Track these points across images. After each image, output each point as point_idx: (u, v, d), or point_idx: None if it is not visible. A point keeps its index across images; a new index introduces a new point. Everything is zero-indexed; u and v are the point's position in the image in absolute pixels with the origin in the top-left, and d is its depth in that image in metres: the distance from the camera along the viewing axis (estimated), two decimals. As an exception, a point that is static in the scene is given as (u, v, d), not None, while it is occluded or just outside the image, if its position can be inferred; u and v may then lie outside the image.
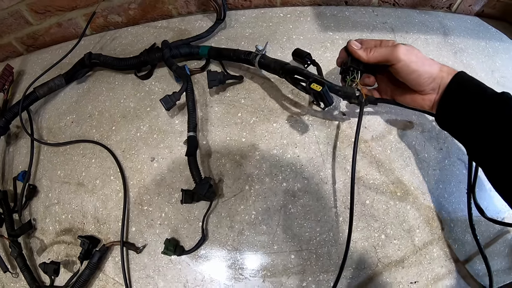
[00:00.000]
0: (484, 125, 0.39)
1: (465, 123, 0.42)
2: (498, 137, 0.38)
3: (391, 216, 0.52)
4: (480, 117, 0.40)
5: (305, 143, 0.56)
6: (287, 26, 0.68)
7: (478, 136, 0.40)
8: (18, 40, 0.76)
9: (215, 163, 0.56)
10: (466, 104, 0.41)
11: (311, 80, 0.47)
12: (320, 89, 0.45)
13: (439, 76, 0.43)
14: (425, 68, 0.43)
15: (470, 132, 0.41)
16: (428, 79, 0.43)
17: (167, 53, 0.61)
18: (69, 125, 0.65)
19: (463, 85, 0.42)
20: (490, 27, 0.74)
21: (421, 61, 0.43)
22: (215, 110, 0.60)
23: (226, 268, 0.51)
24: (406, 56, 0.43)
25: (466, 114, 0.41)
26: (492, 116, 0.38)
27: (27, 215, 0.60)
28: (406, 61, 0.43)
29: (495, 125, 0.38)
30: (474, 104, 0.40)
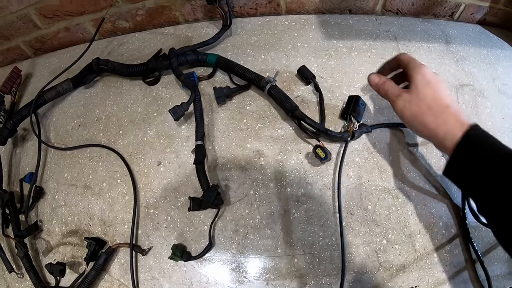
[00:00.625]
0: (498, 184, 0.37)
1: (478, 181, 0.39)
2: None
3: (393, 222, 0.53)
4: (494, 177, 0.37)
5: (309, 149, 0.57)
6: (292, 34, 0.69)
7: (490, 193, 0.38)
8: (26, 44, 0.77)
9: (220, 168, 0.57)
10: (480, 162, 0.38)
11: (317, 145, 0.54)
12: (323, 156, 0.53)
13: (441, 128, 0.41)
14: (424, 120, 0.42)
15: (482, 188, 0.39)
16: (428, 132, 0.42)
17: (175, 62, 0.61)
18: (76, 128, 0.66)
19: (477, 143, 0.39)
20: (492, 35, 0.75)
21: (422, 114, 0.43)
22: (221, 116, 0.61)
23: (230, 271, 0.52)
24: (401, 112, 0.44)
25: (479, 172, 0.38)
26: (508, 177, 0.36)
27: (34, 217, 0.60)
28: (402, 117, 0.44)
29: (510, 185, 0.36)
30: (489, 164, 0.38)
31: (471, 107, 0.64)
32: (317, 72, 0.63)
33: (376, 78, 0.49)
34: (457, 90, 0.65)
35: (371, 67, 0.65)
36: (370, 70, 0.64)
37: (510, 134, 0.63)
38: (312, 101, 0.61)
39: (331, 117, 0.60)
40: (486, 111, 0.64)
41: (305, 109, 0.59)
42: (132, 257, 0.53)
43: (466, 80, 0.67)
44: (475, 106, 0.64)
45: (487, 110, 0.64)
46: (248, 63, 0.64)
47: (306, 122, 0.54)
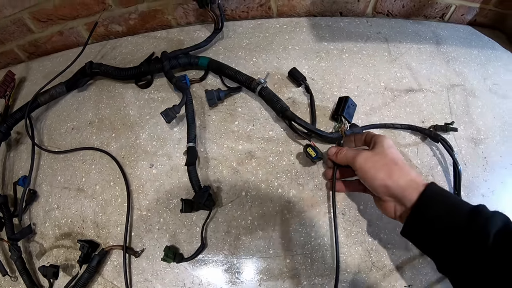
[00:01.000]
0: (459, 247, 0.37)
1: (438, 242, 0.39)
2: (473, 261, 0.36)
3: (385, 221, 0.53)
4: (455, 239, 0.37)
5: (300, 150, 0.58)
6: (283, 37, 0.70)
7: (451, 256, 0.38)
8: (20, 48, 0.77)
9: (212, 170, 0.57)
10: (440, 224, 0.39)
11: (307, 144, 0.54)
12: (314, 155, 0.52)
13: (395, 187, 0.42)
14: (378, 175, 0.43)
15: (442, 250, 0.39)
16: (382, 188, 0.43)
17: (167, 65, 0.62)
18: (69, 131, 0.66)
19: (435, 202, 0.40)
20: (483, 36, 0.76)
21: (376, 168, 0.43)
22: (212, 118, 0.62)
23: (223, 272, 0.52)
24: (362, 164, 0.45)
25: (439, 234, 0.39)
26: (468, 241, 0.36)
27: (27, 220, 0.60)
28: (361, 169, 0.45)
29: (471, 249, 0.36)
30: (449, 226, 0.38)
31: (462, 107, 0.64)
32: (308, 74, 0.64)
33: (333, 149, 0.51)
34: (448, 90, 0.66)
35: (362, 69, 0.66)
36: (361, 72, 0.65)
37: (501, 133, 0.63)
38: (303, 103, 0.62)
39: (322, 118, 0.60)
40: (477, 111, 0.65)
41: (296, 111, 0.60)
42: (126, 259, 0.53)
43: (457, 80, 0.67)
44: (466, 106, 0.65)
45: (478, 110, 0.65)
46: (239, 66, 0.64)
47: (296, 122, 0.55)
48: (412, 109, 0.63)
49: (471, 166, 0.59)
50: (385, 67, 0.67)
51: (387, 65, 0.67)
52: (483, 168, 0.60)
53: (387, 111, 0.62)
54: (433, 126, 0.60)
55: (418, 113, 0.63)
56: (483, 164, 0.60)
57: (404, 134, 0.60)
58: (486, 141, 0.62)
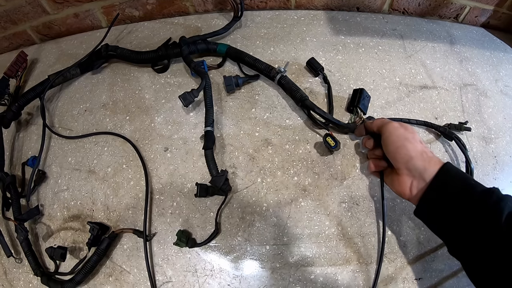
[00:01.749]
0: (471, 226, 0.37)
1: (450, 220, 0.40)
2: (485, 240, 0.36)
3: (397, 213, 0.54)
4: (467, 218, 0.38)
5: (317, 139, 0.58)
6: (300, 28, 0.70)
7: (463, 235, 0.38)
8: (34, 29, 0.76)
9: (228, 156, 0.57)
10: (453, 202, 0.39)
11: (327, 134, 0.54)
12: (333, 145, 0.53)
13: (418, 158, 0.42)
14: (405, 143, 0.43)
15: (454, 230, 0.39)
16: (405, 156, 0.43)
17: (186, 50, 0.62)
18: (82, 113, 0.65)
19: (450, 181, 0.40)
20: (495, 38, 0.77)
21: (404, 138, 0.44)
22: (229, 104, 0.62)
23: (236, 258, 0.51)
24: (393, 129, 0.45)
25: (452, 213, 0.39)
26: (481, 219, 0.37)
27: (35, 201, 0.60)
28: (390, 133, 0.45)
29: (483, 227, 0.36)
30: (462, 204, 0.38)
31: (474, 106, 0.65)
32: (325, 65, 0.64)
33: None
34: (460, 89, 0.66)
35: (378, 63, 0.66)
36: (377, 66, 0.66)
37: (511, 134, 0.64)
38: (321, 93, 0.62)
39: (338, 109, 0.61)
40: (489, 111, 0.65)
41: (314, 100, 0.60)
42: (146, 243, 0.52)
43: (469, 80, 0.68)
44: (478, 105, 0.65)
45: (489, 110, 0.65)
46: (257, 55, 0.64)
47: (315, 111, 0.55)
48: (425, 105, 0.63)
49: (481, 164, 0.60)
50: (400, 63, 0.67)
51: (402, 61, 0.68)
52: (493, 166, 0.60)
53: (401, 105, 0.62)
54: (447, 124, 0.61)
55: (431, 110, 0.63)
56: (493, 163, 0.60)
57: (418, 130, 0.61)
58: (497, 141, 0.63)
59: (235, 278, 0.51)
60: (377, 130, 0.48)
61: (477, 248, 0.37)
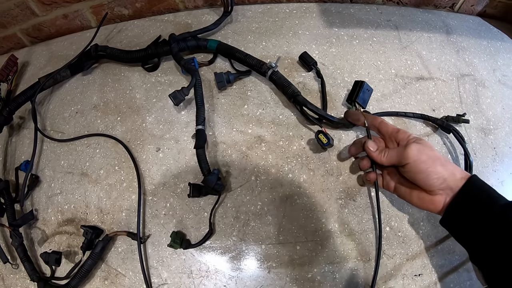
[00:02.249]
0: (492, 238, 0.38)
1: (473, 231, 0.40)
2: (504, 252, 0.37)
3: (396, 208, 0.53)
4: (488, 230, 0.39)
5: (311, 135, 0.57)
6: (293, 22, 0.69)
7: (484, 246, 0.39)
8: (23, 32, 0.75)
9: (221, 154, 0.56)
10: (476, 214, 0.40)
11: (319, 131, 0.53)
12: (325, 142, 0.51)
13: (450, 178, 0.42)
14: (436, 168, 0.42)
15: (476, 240, 0.40)
16: (438, 180, 0.42)
17: (176, 47, 0.61)
18: (73, 115, 0.64)
19: (475, 194, 0.41)
20: (492, 27, 0.75)
21: (432, 161, 0.42)
22: (221, 102, 0.60)
23: (231, 259, 0.51)
24: (417, 157, 0.42)
25: (474, 224, 0.40)
26: (501, 231, 0.38)
27: (29, 205, 0.59)
28: (416, 161, 0.43)
29: (503, 239, 0.38)
30: (484, 216, 0.39)
31: (472, 96, 0.64)
32: (318, 59, 0.63)
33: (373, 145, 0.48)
34: (458, 79, 0.65)
35: (373, 55, 0.65)
36: (372, 58, 0.65)
37: (510, 124, 0.63)
38: (314, 88, 0.61)
39: (333, 104, 0.59)
40: (487, 101, 0.64)
41: (307, 96, 0.59)
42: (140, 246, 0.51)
43: (467, 70, 0.67)
44: (476, 95, 0.64)
45: (487, 100, 0.64)
46: (249, 50, 0.63)
47: (308, 107, 0.54)
48: (422, 97, 0.62)
49: (480, 156, 0.59)
50: (396, 55, 0.66)
51: (398, 53, 0.66)
52: (492, 158, 0.59)
53: (398, 98, 0.61)
54: (445, 116, 0.59)
55: (428, 101, 0.62)
56: (492, 155, 0.59)
57: (415, 123, 0.60)
58: (496, 132, 0.61)
59: (231, 278, 0.50)
60: (393, 164, 0.46)
61: (497, 259, 0.38)
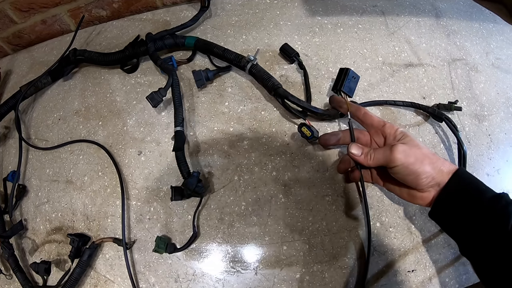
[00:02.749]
0: (480, 230, 0.39)
1: (461, 224, 0.41)
2: (493, 243, 0.38)
3: (386, 203, 0.51)
4: (477, 222, 0.39)
5: (294, 130, 0.55)
6: (274, 12, 0.66)
7: (473, 238, 0.40)
8: (4, 40, 0.74)
9: (202, 154, 0.55)
10: (464, 207, 0.40)
11: (302, 123, 0.51)
12: (309, 135, 0.50)
13: (438, 175, 0.41)
14: (424, 168, 0.41)
15: (465, 232, 0.41)
16: (427, 179, 0.41)
17: (152, 47, 0.59)
18: (56, 122, 0.63)
19: (461, 187, 0.41)
20: (483, 9, 0.72)
21: (420, 162, 0.41)
22: (201, 100, 0.59)
23: (217, 261, 0.50)
24: (404, 159, 0.41)
25: (462, 217, 0.40)
26: (489, 223, 0.38)
27: (18, 216, 0.59)
28: (404, 164, 0.41)
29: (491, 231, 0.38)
30: (472, 209, 0.39)
31: (464, 82, 0.61)
32: (301, 50, 0.61)
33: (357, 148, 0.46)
34: (449, 64, 0.63)
35: (358, 43, 0.63)
36: (357, 46, 0.62)
37: (505, 109, 0.61)
38: (297, 80, 0.59)
39: (318, 96, 0.57)
40: (480, 86, 0.62)
41: (290, 88, 0.57)
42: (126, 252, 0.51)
43: (458, 54, 0.64)
44: (469, 81, 0.62)
45: (481, 85, 0.62)
46: (229, 44, 0.61)
47: (290, 100, 0.51)
48: (412, 85, 0.60)
49: (475, 144, 0.57)
50: (383, 41, 0.63)
51: (385, 39, 0.64)
52: (487, 146, 0.57)
53: (386, 87, 0.59)
54: (436, 104, 0.57)
55: (418, 89, 0.59)
56: (487, 142, 0.57)
57: (405, 112, 0.58)
58: (490, 118, 0.59)
59: (218, 281, 0.49)
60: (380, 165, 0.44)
61: (485, 251, 0.38)
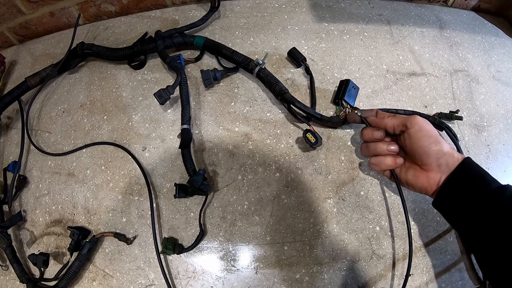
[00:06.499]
0: (483, 220, 0.39)
1: (465, 213, 0.41)
2: (495, 235, 0.38)
3: (386, 208, 0.52)
4: (480, 212, 0.39)
5: (299, 133, 0.55)
6: (282, 17, 0.67)
7: (475, 228, 0.40)
8: (11, 30, 0.74)
9: (207, 153, 0.55)
10: (468, 195, 0.40)
11: (307, 129, 0.52)
12: (314, 141, 0.51)
13: (449, 154, 0.42)
14: (437, 139, 0.42)
15: (468, 222, 0.41)
16: (438, 152, 0.42)
17: (161, 45, 0.60)
18: (60, 114, 0.63)
19: (469, 175, 0.41)
20: (486, 22, 0.74)
21: (435, 133, 0.43)
22: (208, 99, 0.59)
23: (218, 259, 0.50)
24: (422, 123, 0.43)
25: (466, 205, 0.40)
26: (493, 214, 0.38)
27: (17, 206, 0.58)
28: (421, 127, 0.43)
29: (495, 222, 0.38)
30: (476, 198, 0.40)
31: (465, 92, 0.62)
32: (307, 54, 0.61)
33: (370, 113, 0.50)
34: (451, 75, 0.64)
35: (363, 51, 0.64)
36: (362, 54, 0.63)
37: (504, 121, 0.62)
38: (303, 84, 0.60)
39: (322, 101, 0.58)
40: (481, 97, 0.63)
41: (295, 92, 0.58)
42: (160, 257, 0.51)
43: (460, 65, 0.65)
44: (470, 92, 0.63)
45: (481, 96, 0.63)
46: (236, 46, 0.62)
47: (296, 105, 0.53)
48: (414, 93, 0.61)
49: (473, 154, 0.58)
50: (387, 50, 0.64)
51: (389, 48, 0.65)
52: (486, 156, 0.58)
53: (389, 94, 0.60)
54: (437, 113, 0.58)
55: (420, 97, 0.61)
56: (486, 152, 0.58)
57: (407, 119, 0.58)
58: (489, 129, 0.60)
59: (218, 279, 0.49)
60: (397, 126, 0.46)
61: (488, 241, 0.38)
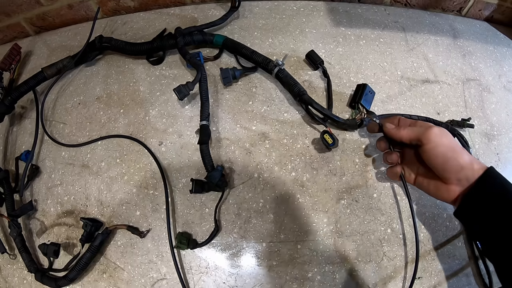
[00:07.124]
0: (507, 231, 0.38)
1: (488, 224, 0.40)
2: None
3: (397, 211, 0.52)
4: (504, 223, 0.38)
5: (315, 134, 0.56)
6: (300, 19, 0.68)
7: (499, 240, 0.39)
8: (27, 21, 0.74)
9: (224, 150, 0.56)
10: (493, 208, 0.40)
11: (324, 131, 0.52)
12: (331, 142, 0.51)
13: (468, 168, 0.41)
14: (455, 154, 0.41)
15: (490, 233, 0.40)
16: (456, 167, 0.41)
17: (181, 41, 0.60)
18: (75, 106, 0.64)
19: (491, 186, 0.40)
20: (499, 33, 0.75)
21: (452, 147, 0.42)
22: (226, 97, 0.60)
23: (231, 256, 0.50)
24: (438, 138, 0.42)
25: (490, 217, 0.40)
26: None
27: (29, 196, 0.58)
28: (436, 143, 0.42)
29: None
30: (501, 210, 0.39)
31: (477, 101, 0.63)
32: (325, 58, 0.62)
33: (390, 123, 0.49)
34: (463, 83, 0.65)
35: (379, 56, 0.65)
36: (378, 59, 0.64)
37: (514, 131, 0.62)
38: (320, 87, 0.60)
39: (338, 103, 0.59)
40: (491, 107, 0.64)
41: (312, 94, 0.58)
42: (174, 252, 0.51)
43: (472, 74, 0.66)
44: (481, 100, 0.64)
45: (492, 106, 0.64)
46: (255, 46, 0.62)
47: (314, 107, 0.53)
48: (427, 100, 0.62)
49: (483, 162, 0.56)
50: (402, 56, 0.66)
51: (404, 54, 0.66)
52: (495, 164, 0.59)
53: (403, 100, 0.61)
54: (450, 121, 0.59)
55: (433, 104, 0.61)
56: (495, 161, 0.59)
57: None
58: (499, 138, 0.61)
59: (231, 275, 0.49)
60: (412, 140, 0.45)
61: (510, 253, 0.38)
